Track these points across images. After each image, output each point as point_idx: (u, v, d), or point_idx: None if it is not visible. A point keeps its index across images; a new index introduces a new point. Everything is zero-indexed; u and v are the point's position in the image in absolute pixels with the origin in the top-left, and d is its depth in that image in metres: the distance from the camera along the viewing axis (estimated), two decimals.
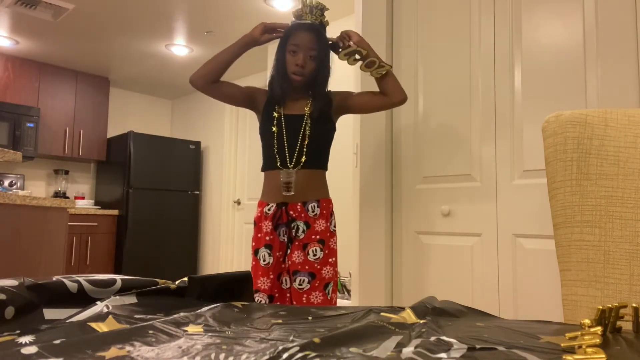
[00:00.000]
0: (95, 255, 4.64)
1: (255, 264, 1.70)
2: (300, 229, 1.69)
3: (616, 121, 1.07)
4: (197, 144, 5.35)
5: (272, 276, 1.67)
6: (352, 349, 0.55)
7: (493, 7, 2.00)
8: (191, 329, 0.66)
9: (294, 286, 1.67)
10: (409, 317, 0.73)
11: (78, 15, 3.66)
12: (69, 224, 4.43)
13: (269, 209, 1.71)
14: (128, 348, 0.56)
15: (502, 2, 1.98)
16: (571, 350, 0.53)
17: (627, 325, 0.65)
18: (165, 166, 5.04)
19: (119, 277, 0.82)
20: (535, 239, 1.81)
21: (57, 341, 0.56)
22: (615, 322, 0.63)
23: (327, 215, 1.74)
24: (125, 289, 0.80)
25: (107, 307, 0.72)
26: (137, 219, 4.77)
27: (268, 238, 1.69)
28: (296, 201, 1.69)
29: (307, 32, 1.69)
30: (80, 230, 4.55)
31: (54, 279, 0.75)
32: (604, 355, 0.48)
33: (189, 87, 5.55)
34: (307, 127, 1.72)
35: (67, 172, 5.11)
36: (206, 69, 1.75)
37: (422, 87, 2.21)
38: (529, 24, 1.89)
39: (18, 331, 0.62)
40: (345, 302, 2.99)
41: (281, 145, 1.71)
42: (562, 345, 0.56)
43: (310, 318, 0.75)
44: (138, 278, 0.84)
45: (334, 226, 1.76)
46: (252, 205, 4.75)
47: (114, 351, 0.55)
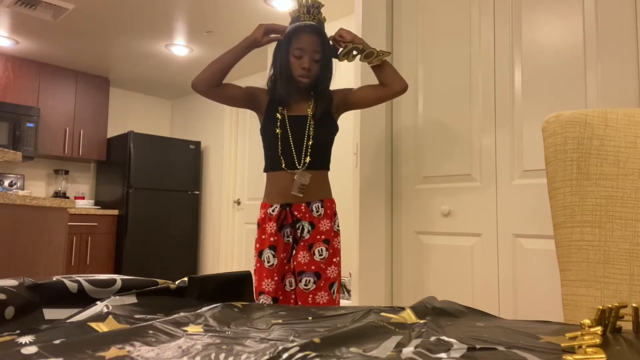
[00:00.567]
0: (95, 255, 4.64)
1: (259, 265, 1.68)
2: (305, 230, 1.69)
3: (616, 121, 1.07)
4: (197, 144, 5.35)
5: (276, 278, 1.66)
6: (352, 349, 0.55)
7: (493, 7, 2.00)
8: (191, 329, 0.66)
9: (300, 287, 1.66)
10: (409, 317, 0.73)
11: (78, 15, 3.66)
12: (69, 224, 4.43)
13: (273, 210, 1.70)
14: (128, 348, 0.56)
15: (502, 2, 1.98)
16: (571, 350, 0.53)
17: (627, 325, 0.65)
18: (165, 166, 5.04)
19: (119, 277, 0.82)
20: (535, 239, 1.81)
21: (57, 341, 0.56)
22: (615, 322, 0.63)
23: (331, 215, 1.74)
24: (125, 289, 0.80)
25: (107, 307, 0.72)
26: (137, 219, 4.77)
27: (272, 239, 1.68)
28: (300, 201, 1.69)
29: (311, 35, 1.68)
30: (80, 230, 4.55)
31: (54, 279, 0.75)
32: (604, 355, 0.48)
33: (189, 87, 5.55)
34: (311, 128, 1.72)
35: (67, 172, 5.11)
36: (208, 73, 1.73)
37: (422, 87, 2.21)
38: (529, 24, 1.89)
39: (18, 331, 0.62)
40: (345, 302, 2.99)
41: (286, 146, 1.70)
42: (562, 345, 0.56)
43: (310, 318, 0.75)
44: (138, 278, 0.84)
45: (338, 226, 1.76)
46: (252, 205, 4.75)
47: (114, 351, 0.55)
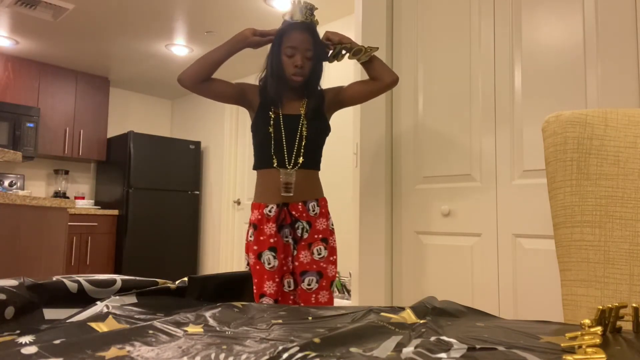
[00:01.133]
0: (95, 255, 4.64)
1: (259, 267, 1.65)
2: (304, 229, 1.69)
3: (616, 121, 1.07)
4: (197, 144, 5.35)
5: (277, 279, 1.65)
6: (352, 349, 0.55)
7: (493, 7, 2.00)
8: (191, 329, 0.66)
9: (302, 287, 1.66)
10: (409, 317, 0.73)
11: (78, 15, 3.66)
12: (69, 224, 4.43)
13: (270, 211, 1.68)
14: (128, 348, 0.56)
15: (502, 2, 1.98)
16: (571, 350, 0.53)
17: (627, 325, 0.65)
18: (165, 166, 5.04)
19: (119, 277, 0.82)
20: (535, 239, 1.81)
21: (57, 341, 0.56)
22: (615, 322, 0.63)
23: (326, 214, 1.75)
24: (125, 289, 0.80)
25: (107, 307, 0.72)
26: (137, 219, 4.77)
27: (272, 240, 1.66)
28: (296, 201, 1.69)
29: (302, 32, 1.68)
30: (80, 230, 4.55)
31: (54, 279, 0.75)
32: (604, 355, 0.48)
33: None
34: (304, 127, 1.72)
35: (67, 172, 5.12)
36: (195, 68, 1.70)
37: (422, 87, 2.21)
38: (529, 24, 1.89)
39: (18, 331, 0.62)
40: (345, 302, 2.99)
41: (279, 146, 1.70)
42: (562, 345, 0.56)
43: (310, 318, 0.75)
44: (138, 278, 0.84)
45: (332, 225, 1.77)
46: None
47: (114, 351, 0.55)
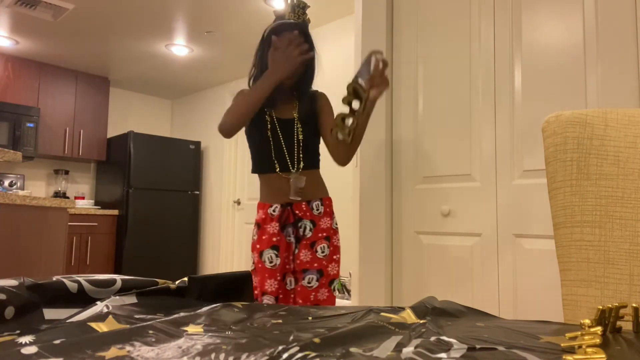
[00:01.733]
0: (95, 255, 4.64)
1: (261, 266, 1.67)
2: (307, 228, 1.69)
3: (616, 121, 1.07)
4: (197, 144, 5.35)
5: (279, 278, 1.66)
6: (352, 349, 0.55)
7: (493, 7, 2.00)
8: (191, 329, 0.66)
9: (303, 284, 1.67)
10: (409, 317, 0.73)
11: (78, 15, 3.66)
12: (69, 224, 4.43)
13: (274, 210, 1.70)
14: (128, 348, 0.56)
15: (502, 3, 1.98)
16: (571, 350, 0.53)
17: (627, 325, 0.65)
18: (165, 166, 5.04)
19: (119, 277, 0.82)
20: (535, 239, 1.81)
21: (57, 341, 0.56)
22: (615, 322, 0.63)
23: (330, 212, 1.75)
24: (125, 289, 0.80)
25: (107, 307, 0.72)
26: (137, 219, 4.77)
27: (275, 239, 1.67)
28: (301, 201, 1.70)
29: (295, 31, 1.66)
30: (80, 230, 4.55)
31: (54, 279, 0.75)
32: (604, 355, 0.48)
33: (189, 87, 5.55)
34: (299, 130, 1.72)
35: (67, 172, 5.12)
36: (235, 119, 1.62)
37: (422, 87, 2.21)
38: (529, 24, 1.89)
39: (18, 331, 0.62)
40: (345, 302, 2.99)
41: (279, 150, 1.71)
42: (562, 345, 0.56)
43: (310, 318, 0.75)
44: (138, 278, 0.84)
45: (336, 224, 1.78)
46: (252, 206, 4.75)
47: (114, 351, 0.55)
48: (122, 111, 5.68)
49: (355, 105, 1.48)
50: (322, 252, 1.69)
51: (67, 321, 0.67)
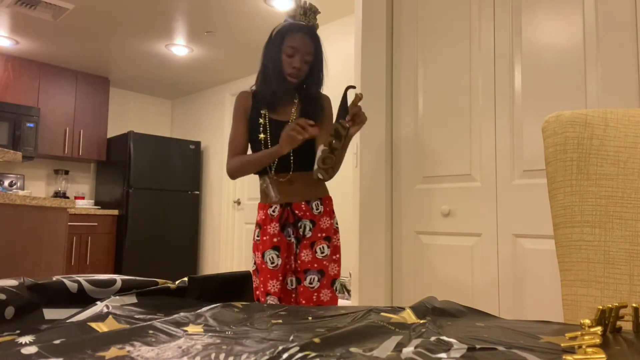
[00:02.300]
0: (95, 255, 4.64)
1: (264, 267, 1.67)
2: (307, 228, 1.69)
3: (616, 121, 1.07)
4: (197, 144, 5.35)
5: (280, 278, 1.67)
6: (352, 349, 0.55)
7: (493, 7, 2.00)
8: (191, 329, 0.66)
9: (304, 284, 1.66)
10: (409, 317, 0.73)
11: (78, 15, 3.66)
12: (69, 224, 4.43)
13: (274, 211, 1.70)
14: (128, 348, 0.56)
15: (502, 3, 1.98)
16: (571, 350, 0.53)
17: (627, 325, 0.65)
18: (165, 166, 5.04)
19: (119, 277, 0.82)
20: (535, 239, 1.81)
21: (57, 341, 0.56)
22: (615, 322, 0.63)
23: (330, 212, 1.75)
24: (125, 289, 0.80)
25: (107, 307, 0.72)
26: (137, 219, 4.77)
27: (275, 240, 1.68)
28: (300, 201, 1.70)
29: (305, 35, 1.68)
30: (80, 230, 4.55)
31: (54, 279, 0.75)
32: (604, 355, 0.48)
33: (189, 87, 5.55)
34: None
35: (67, 172, 5.12)
36: (238, 174, 1.75)
37: (422, 87, 2.21)
38: (529, 24, 1.89)
39: (18, 331, 0.62)
40: (345, 302, 2.99)
41: None
42: (562, 345, 0.56)
43: (310, 318, 0.75)
44: (138, 278, 0.84)
45: (337, 223, 1.77)
46: (252, 206, 4.75)
47: (114, 351, 0.55)
48: (122, 111, 5.67)
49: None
50: (322, 253, 1.68)
51: (67, 321, 0.67)
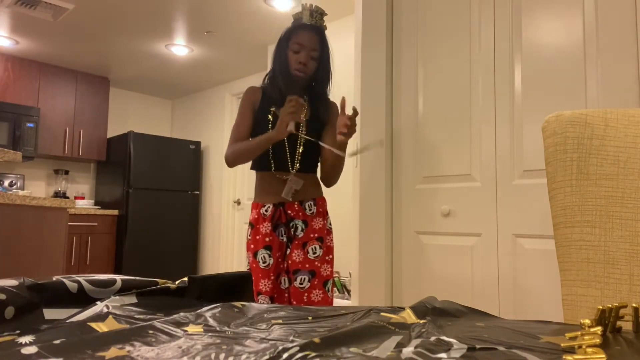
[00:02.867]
0: (95, 255, 4.64)
1: (255, 266, 1.68)
2: (299, 228, 1.69)
3: (616, 121, 1.07)
4: (197, 144, 5.35)
5: (272, 277, 1.67)
6: (352, 349, 0.55)
7: (493, 7, 2.00)
8: (191, 329, 0.66)
9: (295, 285, 1.67)
10: (409, 317, 0.73)
11: (78, 15, 3.66)
12: (69, 224, 4.43)
13: (266, 210, 1.70)
14: (128, 348, 0.56)
15: (502, 3, 1.98)
16: (571, 350, 0.53)
17: (627, 325, 0.65)
18: (165, 166, 5.04)
19: (119, 277, 0.82)
20: (535, 239, 1.81)
21: (57, 341, 0.56)
22: (615, 322, 0.63)
23: (323, 213, 1.75)
24: (125, 289, 0.80)
25: (107, 307, 0.71)
26: (137, 219, 4.77)
27: (267, 239, 1.68)
28: (293, 200, 1.70)
29: (310, 32, 1.69)
30: (80, 230, 4.55)
31: (54, 279, 0.75)
32: (604, 355, 0.48)
33: (189, 87, 5.55)
34: (303, 132, 1.72)
35: (67, 172, 5.12)
36: (237, 161, 1.72)
37: (422, 87, 2.21)
38: (529, 24, 1.89)
39: (18, 331, 0.62)
40: (345, 302, 2.99)
41: (277, 150, 1.71)
42: (562, 345, 0.56)
43: (310, 318, 0.75)
44: (138, 278, 0.84)
45: (330, 224, 1.78)
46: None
47: (114, 351, 0.55)
48: (122, 111, 5.67)
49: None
50: (314, 253, 1.68)
51: (67, 321, 0.67)
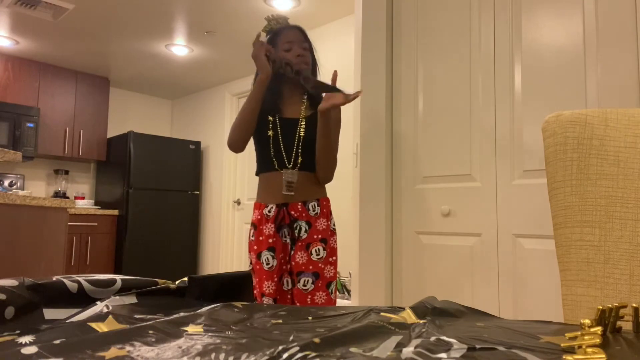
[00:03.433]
0: (95, 255, 4.64)
1: (258, 267, 1.67)
2: (303, 229, 1.69)
3: (616, 121, 1.07)
4: (197, 144, 5.35)
5: (276, 279, 1.66)
6: (352, 349, 0.55)
7: (493, 7, 2.00)
8: (191, 329, 0.66)
9: (298, 287, 1.66)
10: (409, 317, 0.73)
11: (78, 15, 3.66)
12: (69, 224, 4.43)
13: (269, 211, 1.70)
14: (128, 348, 0.56)
15: (502, 2, 1.98)
16: (571, 350, 0.53)
17: (627, 325, 0.65)
18: (165, 166, 5.04)
19: (119, 277, 0.82)
20: (535, 239, 1.81)
21: (57, 341, 0.56)
22: (615, 322, 0.63)
23: (327, 214, 1.74)
24: (125, 289, 0.80)
25: (107, 307, 0.71)
26: (137, 219, 4.77)
27: (270, 240, 1.67)
28: (296, 201, 1.69)
29: (293, 29, 1.77)
30: (80, 230, 4.55)
31: (54, 279, 0.75)
32: (604, 355, 0.48)
33: (189, 87, 5.55)
34: (302, 129, 1.72)
35: (67, 172, 5.12)
36: (239, 133, 1.71)
37: (422, 87, 2.21)
38: (529, 24, 1.89)
39: (18, 331, 0.62)
40: (345, 302, 2.99)
41: (277, 148, 1.71)
42: (562, 345, 0.56)
43: (310, 318, 0.75)
44: (138, 278, 0.84)
45: (334, 225, 1.77)
46: (252, 206, 4.75)
47: (114, 351, 0.55)
48: (122, 111, 5.67)
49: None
50: (317, 255, 1.68)
51: (67, 321, 0.67)
